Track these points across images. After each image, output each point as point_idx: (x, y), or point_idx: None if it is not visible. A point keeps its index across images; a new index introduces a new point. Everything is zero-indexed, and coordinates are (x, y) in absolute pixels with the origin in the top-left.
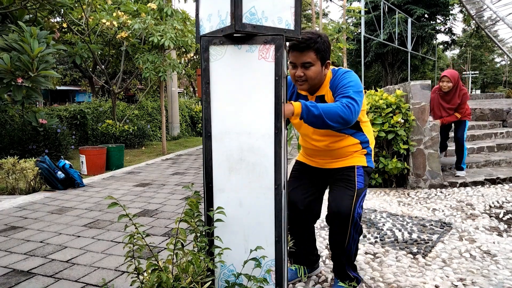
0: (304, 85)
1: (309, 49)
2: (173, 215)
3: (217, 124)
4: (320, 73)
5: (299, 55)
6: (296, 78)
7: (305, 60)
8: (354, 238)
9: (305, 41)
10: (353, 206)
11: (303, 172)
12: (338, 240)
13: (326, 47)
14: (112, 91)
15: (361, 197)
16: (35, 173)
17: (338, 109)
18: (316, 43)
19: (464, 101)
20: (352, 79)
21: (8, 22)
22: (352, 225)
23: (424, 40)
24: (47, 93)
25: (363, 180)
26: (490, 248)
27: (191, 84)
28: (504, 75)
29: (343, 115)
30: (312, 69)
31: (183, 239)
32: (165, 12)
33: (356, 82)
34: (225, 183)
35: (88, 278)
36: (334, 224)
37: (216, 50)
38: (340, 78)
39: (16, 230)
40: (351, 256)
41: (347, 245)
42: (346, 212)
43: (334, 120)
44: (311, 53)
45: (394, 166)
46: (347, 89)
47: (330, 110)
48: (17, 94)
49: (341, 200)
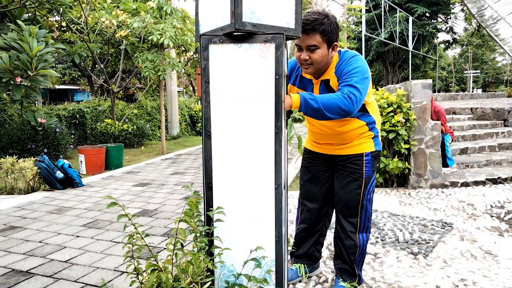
0: (309, 68)
1: (315, 31)
2: (173, 215)
3: (217, 123)
4: (326, 56)
5: (305, 37)
6: (301, 61)
7: (310, 43)
8: (365, 226)
9: (311, 23)
10: (361, 196)
11: (313, 162)
12: (349, 230)
13: (333, 28)
14: (111, 90)
15: (369, 184)
16: (34, 172)
17: (338, 100)
18: (322, 25)
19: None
20: (358, 64)
21: (7, 21)
22: (362, 211)
23: (425, 39)
24: (46, 92)
25: (371, 167)
26: (491, 248)
27: (190, 83)
28: (506, 74)
29: (344, 106)
30: (318, 52)
31: (183, 239)
32: (164, 11)
33: (362, 68)
34: (225, 183)
35: (87, 278)
36: (344, 214)
37: (216, 49)
38: (346, 63)
39: (15, 230)
40: (364, 248)
41: (359, 234)
42: (355, 202)
43: (334, 112)
44: (317, 35)
45: (395, 165)
46: (351, 76)
47: (330, 102)
48: (16, 93)
49: (349, 191)
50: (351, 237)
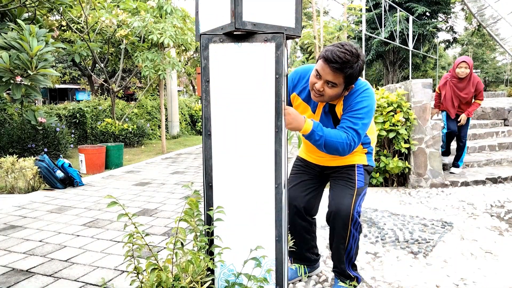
0: (318, 98)
1: (341, 72)
2: (173, 215)
3: (217, 122)
4: (339, 94)
5: (328, 72)
6: (314, 88)
7: (331, 80)
8: (354, 237)
9: (342, 64)
10: (352, 205)
11: (303, 169)
12: (339, 239)
13: (358, 73)
14: (111, 89)
15: (361, 196)
16: (34, 172)
17: (339, 144)
18: (351, 69)
19: (480, 89)
20: (368, 103)
21: (7, 20)
22: (352, 223)
23: (426, 38)
24: (46, 91)
25: (363, 179)
26: (491, 247)
27: (190, 83)
28: (506, 73)
29: (341, 150)
30: (334, 89)
31: (183, 238)
32: (164, 10)
33: (369, 109)
34: (225, 182)
35: (87, 277)
36: (335, 223)
37: (216, 48)
38: (356, 98)
39: (15, 229)
40: (352, 255)
41: (348, 244)
42: (346, 211)
43: (331, 151)
44: (341, 76)
45: (395, 165)
46: (358, 118)
47: (332, 142)
48: (16, 92)
49: (341, 199)
50: (340, 247)
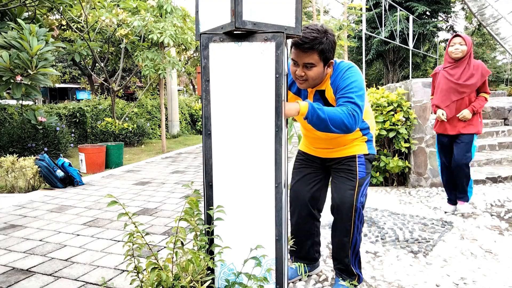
0: (304, 84)
1: (313, 50)
2: (173, 214)
3: (217, 122)
4: (322, 73)
5: (302, 55)
6: (296, 76)
7: (307, 61)
8: (358, 229)
9: (310, 42)
10: (355, 197)
11: (305, 163)
12: (343, 231)
13: (331, 46)
14: (112, 89)
15: (363, 186)
16: (34, 171)
17: (343, 116)
18: (321, 44)
19: (485, 76)
20: (355, 78)
21: (7, 19)
22: (356, 214)
23: (426, 38)
24: (46, 91)
25: (365, 169)
26: (491, 247)
27: (191, 82)
28: (506, 73)
29: (348, 123)
30: (314, 69)
31: (183, 237)
32: (164, 9)
33: (359, 82)
34: (225, 181)
35: (87, 276)
36: (339, 215)
37: (216, 48)
38: (342, 76)
39: (16, 229)
40: (358, 248)
41: (353, 236)
42: (349, 203)
43: (338, 127)
44: (315, 54)
45: (395, 164)
46: (350, 92)
47: (336, 116)
48: (16, 92)
49: (343, 191)
50: (344, 240)
